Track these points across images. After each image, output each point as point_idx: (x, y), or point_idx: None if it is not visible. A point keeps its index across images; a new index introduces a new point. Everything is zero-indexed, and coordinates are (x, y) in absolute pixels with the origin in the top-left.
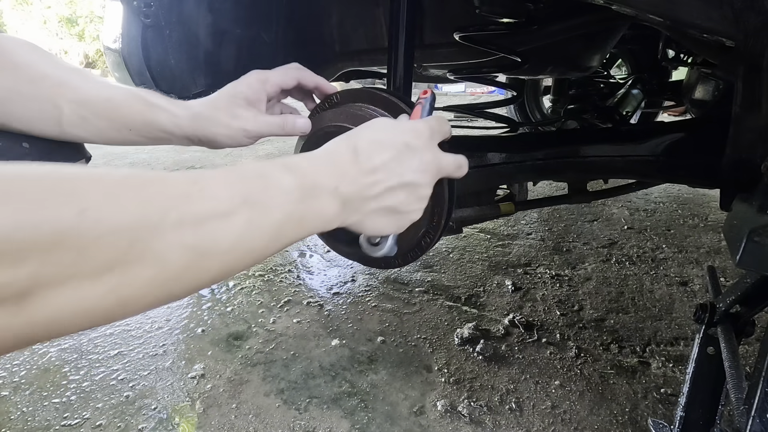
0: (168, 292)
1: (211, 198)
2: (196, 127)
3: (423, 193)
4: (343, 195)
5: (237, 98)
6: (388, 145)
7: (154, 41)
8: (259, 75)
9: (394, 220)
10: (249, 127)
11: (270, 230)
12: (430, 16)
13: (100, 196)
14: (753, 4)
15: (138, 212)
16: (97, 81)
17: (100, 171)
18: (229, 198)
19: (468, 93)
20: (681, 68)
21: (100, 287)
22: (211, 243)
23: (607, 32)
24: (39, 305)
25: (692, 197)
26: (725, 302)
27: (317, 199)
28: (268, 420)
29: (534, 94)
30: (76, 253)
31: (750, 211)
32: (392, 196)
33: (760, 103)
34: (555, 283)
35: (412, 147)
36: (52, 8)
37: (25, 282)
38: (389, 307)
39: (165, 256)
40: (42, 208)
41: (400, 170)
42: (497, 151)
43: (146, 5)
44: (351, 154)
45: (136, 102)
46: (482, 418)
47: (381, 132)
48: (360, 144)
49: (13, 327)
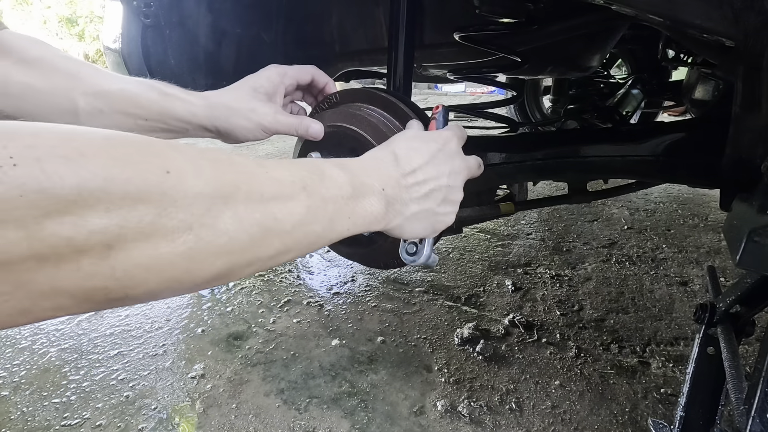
0: (233, 263)
1: (276, 181)
2: (214, 117)
3: (456, 196)
4: (388, 196)
5: (258, 92)
6: (423, 151)
7: (154, 41)
8: (278, 69)
9: (430, 223)
10: (266, 123)
11: (324, 219)
12: (430, 16)
13: (182, 161)
14: (753, 4)
15: (214, 182)
16: (108, 73)
17: (180, 143)
18: (291, 183)
19: (468, 93)
20: (681, 68)
21: (174, 248)
22: (274, 221)
23: (607, 32)
24: (120, 258)
25: (692, 197)
26: (725, 302)
27: (366, 197)
28: (268, 420)
29: (534, 94)
30: (157, 211)
31: (750, 211)
32: (430, 198)
33: (760, 103)
34: (555, 283)
35: (444, 152)
36: (52, 8)
37: (111, 233)
38: (389, 307)
39: (235, 226)
40: (132, 165)
41: (437, 173)
42: (497, 151)
43: (146, 5)
44: (393, 160)
45: (150, 91)
46: (482, 418)
47: (415, 141)
48: (399, 151)
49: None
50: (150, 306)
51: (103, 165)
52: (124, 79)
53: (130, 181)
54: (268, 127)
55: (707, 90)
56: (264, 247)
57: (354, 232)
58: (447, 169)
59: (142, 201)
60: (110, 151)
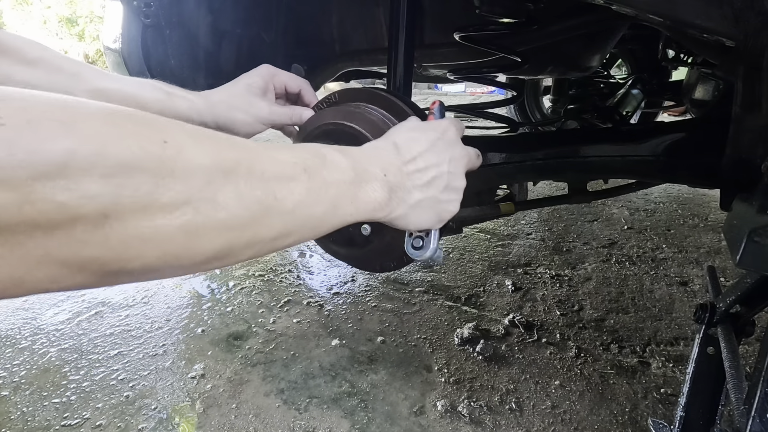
0: (233, 242)
1: (277, 161)
2: (215, 113)
3: (459, 183)
4: (391, 183)
5: (252, 87)
6: (423, 140)
7: (154, 41)
8: (269, 68)
9: (435, 212)
10: (263, 114)
11: (326, 202)
12: (430, 16)
13: (181, 134)
14: (753, 4)
15: (214, 155)
16: (108, 73)
17: (179, 121)
18: (293, 165)
19: (468, 93)
20: (681, 68)
21: (172, 220)
22: (274, 200)
23: (607, 32)
24: (115, 228)
25: (692, 197)
26: (725, 302)
27: (368, 183)
28: (268, 420)
29: (534, 94)
30: (154, 181)
31: (750, 211)
32: (433, 186)
33: (760, 103)
34: (555, 283)
35: (444, 140)
36: (52, 8)
37: (106, 200)
38: (389, 307)
39: (235, 202)
40: (128, 133)
41: (437, 161)
42: (497, 151)
43: (146, 5)
44: (393, 149)
45: (152, 90)
46: (482, 418)
47: (414, 131)
48: (399, 140)
49: (89, 246)
50: (150, 306)
51: (98, 131)
52: (124, 79)
53: (127, 148)
54: (266, 118)
55: (707, 90)
56: (265, 226)
57: (357, 218)
58: (447, 156)
59: (138, 169)
60: (106, 119)
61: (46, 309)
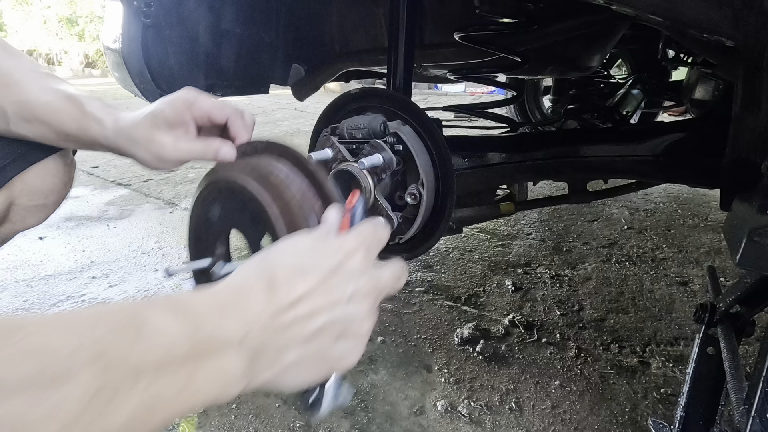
0: None
1: (37, 354)
2: (120, 143)
3: (361, 328)
4: (253, 347)
5: (157, 119)
6: (313, 272)
7: (154, 41)
8: (188, 93)
9: (324, 367)
10: (165, 154)
11: (133, 402)
12: (430, 16)
13: None
14: (753, 4)
15: None
16: (46, 82)
17: None
18: (70, 355)
19: (468, 93)
20: (681, 68)
21: None
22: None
23: (607, 32)
24: None
25: (692, 197)
26: (725, 302)
27: (215, 354)
28: (268, 420)
29: (534, 94)
30: None
31: (750, 211)
32: (321, 337)
33: (760, 103)
34: (555, 283)
35: (346, 270)
36: (52, 8)
37: None
38: (389, 307)
39: None
40: None
41: (330, 302)
42: (497, 151)
43: (146, 5)
44: (266, 288)
45: (72, 108)
46: (482, 418)
47: (303, 256)
48: (279, 273)
49: None
50: None
51: None
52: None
53: None
54: (167, 158)
55: (707, 90)
56: None
57: (194, 406)
58: (348, 292)
59: None
60: None
61: (46, 309)
